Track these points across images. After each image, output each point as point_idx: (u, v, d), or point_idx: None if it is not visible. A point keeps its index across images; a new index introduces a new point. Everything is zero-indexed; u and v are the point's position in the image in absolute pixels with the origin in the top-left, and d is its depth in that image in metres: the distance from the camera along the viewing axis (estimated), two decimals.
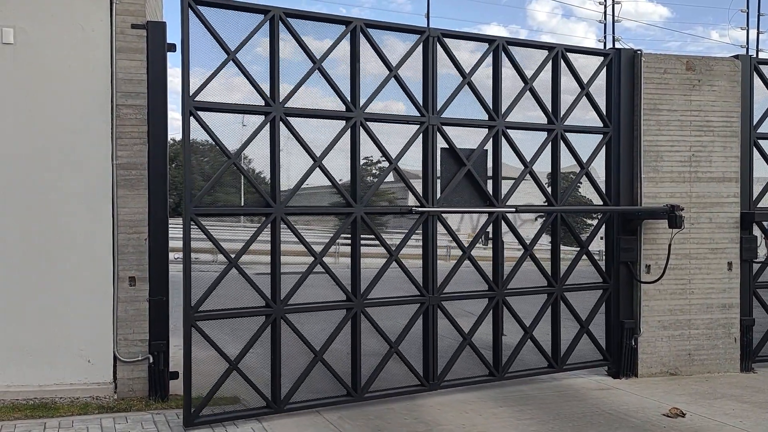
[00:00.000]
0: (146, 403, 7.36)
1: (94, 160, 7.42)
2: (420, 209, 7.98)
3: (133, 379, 7.50)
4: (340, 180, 8.05)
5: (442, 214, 8.22)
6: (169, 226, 7.82)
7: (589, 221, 36.33)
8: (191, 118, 6.86)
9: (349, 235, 8.04)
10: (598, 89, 9.00)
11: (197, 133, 7.11)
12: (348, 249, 8.30)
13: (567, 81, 8.87)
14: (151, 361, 7.49)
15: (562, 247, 9.20)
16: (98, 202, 7.43)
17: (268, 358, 7.40)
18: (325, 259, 7.82)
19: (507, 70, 8.56)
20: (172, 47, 7.62)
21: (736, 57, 9.29)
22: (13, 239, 7.29)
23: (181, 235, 6.75)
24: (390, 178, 8.78)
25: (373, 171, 8.64)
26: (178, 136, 7.52)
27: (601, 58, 8.99)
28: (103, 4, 7.40)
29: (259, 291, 7.29)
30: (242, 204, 11.73)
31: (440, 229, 8.36)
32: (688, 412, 7.34)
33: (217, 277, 7.11)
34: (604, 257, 9.35)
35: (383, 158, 8.18)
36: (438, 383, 8.05)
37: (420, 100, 7.99)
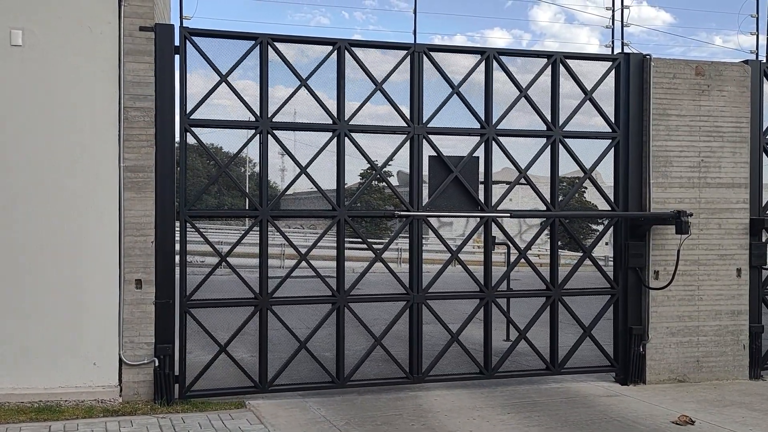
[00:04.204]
0: (151, 407, 7.32)
1: (102, 162, 7.41)
2: (403, 213, 8.23)
3: (138, 382, 7.47)
4: (345, 184, 8.45)
5: (430, 219, 8.53)
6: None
7: (594, 227, 36.37)
8: (187, 134, 7.74)
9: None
10: (607, 94, 8.97)
11: (205, 138, 8.04)
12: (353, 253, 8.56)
13: (574, 87, 8.86)
14: (157, 364, 7.46)
15: (569, 253, 9.25)
16: (105, 204, 7.41)
17: (263, 353, 7.94)
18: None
19: (506, 76, 8.62)
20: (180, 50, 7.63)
21: (746, 62, 9.25)
22: (20, 241, 7.26)
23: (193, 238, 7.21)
24: (395, 181, 9.09)
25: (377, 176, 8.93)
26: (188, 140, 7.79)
27: (609, 63, 8.96)
28: (112, 6, 7.39)
29: (248, 284, 7.85)
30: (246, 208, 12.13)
31: (446, 234, 8.52)
32: (698, 420, 7.27)
33: (210, 271, 7.87)
34: (612, 263, 9.31)
35: (391, 163, 8.51)
36: (422, 377, 8.36)
37: (407, 110, 8.31)
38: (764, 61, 9.43)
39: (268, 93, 7.90)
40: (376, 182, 34.95)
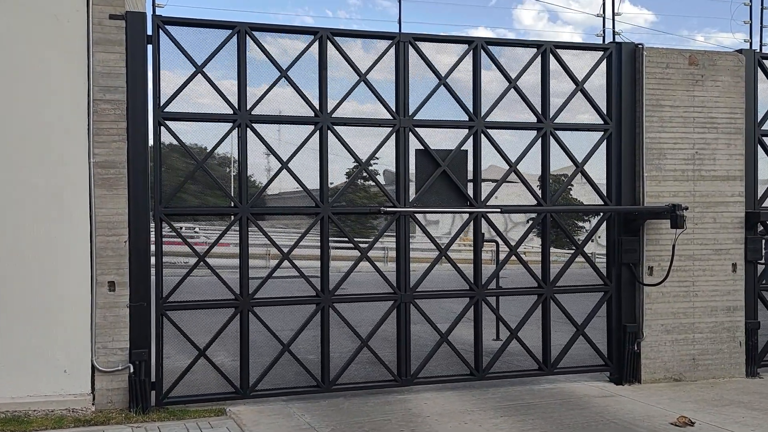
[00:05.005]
0: (126, 416, 6.94)
1: (70, 158, 7.00)
2: (389, 209, 7.92)
3: (112, 390, 7.07)
4: (331, 183, 8.21)
5: (417, 216, 8.19)
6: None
7: (580, 223, 36.22)
8: (161, 128, 7.33)
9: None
10: (597, 88, 8.71)
11: (187, 138, 7.68)
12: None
13: (564, 80, 8.60)
14: (132, 371, 7.08)
15: (556, 250, 8.99)
16: (74, 202, 7.01)
17: (245, 357, 7.62)
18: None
19: (495, 73, 8.36)
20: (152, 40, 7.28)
21: (740, 51, 9.00)
22: None
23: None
24: (381, 180, 8.81)
25: (363, 174, 8.57)
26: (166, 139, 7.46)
27: (600, 53, 8.68)
28: None
29: (227, 285, 7.51)
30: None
31: (432, 233, 8.32)
32: (697, 421, 7.01)
33: (187, 271, 7.45)
34: (599, 259, 9.05)
35: (375, 161, 8.28)
36: (411, 379, 8.05)
37: (393, 103, 7.99)
38: (758, 50, 9.19)
39: (246, 85, 7.56)
40: (362, 181, 34.54)
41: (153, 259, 7.33)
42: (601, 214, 8.83)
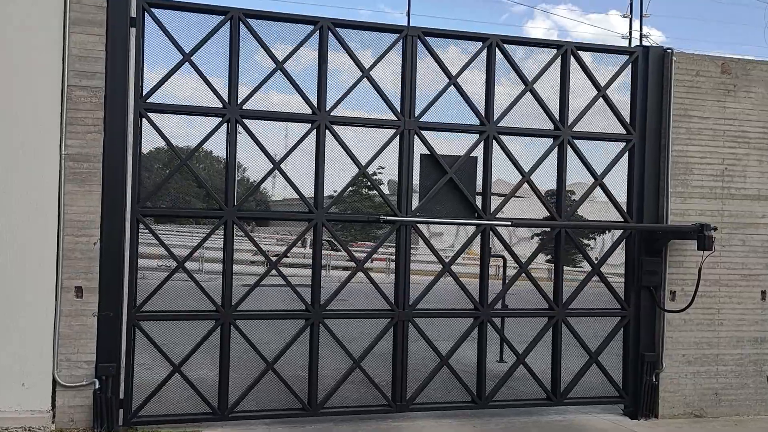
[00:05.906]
0: None
1: (38, 149, 6.35)
2: (390, 218, 7.25)
3: (74, 407, 6.38)
4: (335, 191, 7.91)
5: (421, 226, 7.51)
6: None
7: (585, 241, 35.43)
8: (143, 119, 6.72)
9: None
10: (622, 95, 8.02)
11: (182, 141, 7.52)
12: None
13: (582, 95, 7.94)
14: (98, 386, 6.38)
15: (565, 268, 8.28)
16: (41, 198, 6.34)
17: (224, 374, 6.97)
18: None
19: (508, 89, 7.74)
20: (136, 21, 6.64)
21: None
22: None
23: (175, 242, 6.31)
24: (386, 190, 8.17)
25: (367, 183, 7.92)
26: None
27: (625, 57, 8.01)
28: None
29: (208, 295, 6.95)
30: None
31: (436, 246, 7.67)
32: None
33: (165, 278, 6.88)
34: (614, 278, 8.34)
35: (380, 170, 7.60)
36: (407, 405, 7.36)
37: (398, 103, 7.32)
38: None
39: (238, 76, 6.92)
40: (367, 190, 33.85)
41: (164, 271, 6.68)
42: (613, 231, 8.11)
